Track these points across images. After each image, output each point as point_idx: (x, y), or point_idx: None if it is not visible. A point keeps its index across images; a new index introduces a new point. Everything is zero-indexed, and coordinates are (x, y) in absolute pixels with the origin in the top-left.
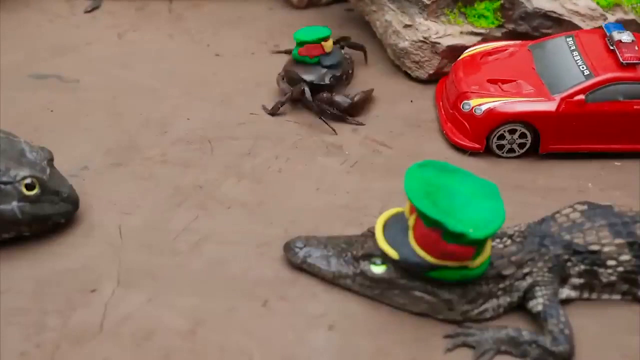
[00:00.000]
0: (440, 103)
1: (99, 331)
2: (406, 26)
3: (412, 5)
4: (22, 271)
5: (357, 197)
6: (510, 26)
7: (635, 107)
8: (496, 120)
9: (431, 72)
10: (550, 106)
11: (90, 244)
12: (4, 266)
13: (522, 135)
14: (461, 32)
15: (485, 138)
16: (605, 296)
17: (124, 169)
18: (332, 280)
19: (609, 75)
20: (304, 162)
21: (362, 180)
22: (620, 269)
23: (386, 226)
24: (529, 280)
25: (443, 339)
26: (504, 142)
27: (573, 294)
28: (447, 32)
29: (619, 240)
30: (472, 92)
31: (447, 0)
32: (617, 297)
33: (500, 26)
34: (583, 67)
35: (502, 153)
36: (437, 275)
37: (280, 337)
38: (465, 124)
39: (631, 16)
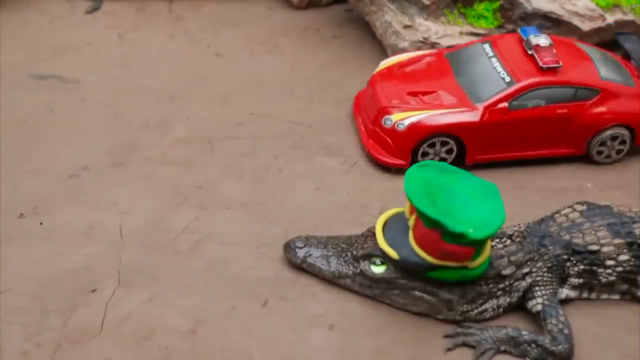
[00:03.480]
0: (359, 119)
1: (99, 331)
2: (406, 26)
3: (412, 6)
4: (22, 271)
5: (357, 197)
6: (510, 27)
7: (558, 111)
8: (420, 134)
9: None
10: (474, 116)
11: (90, 244)
12: (4, 266)
13: (447, 146)
14: (461, 33)
15: (409, 153)
16: (604, 296)
17: (124, 169)
18: (332, 280)
19: (531, 80)
20: (304, 162)
21: (362, 180)
22: (619, 268)
23: (386, 226)
24: (528, 280)
25: (443, 338)
26: (429, 154)
27: (572, 293)
28: (446, 32)
29: (618, 240)
30: (392, 107)
31: (446, 1)
32: (616, 297)
33: (500, 27)
34: (503, 74)
35: None
36: (437, 275)
37: (280, 337)
38: (388, 140)
39: (630, 17)
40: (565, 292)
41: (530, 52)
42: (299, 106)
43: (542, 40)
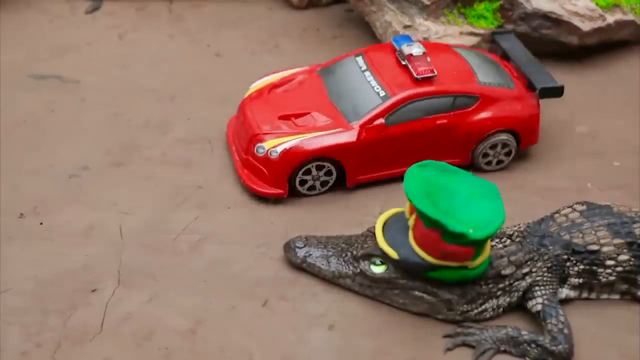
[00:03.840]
0: (233, 147)
1: (99, 331)
2: (406, 27)
3: (412, 6)
4: (22, 271)
5: (357, 197)
6: (510, 27)
7: (437, 122)
8: (294, 161)
9: None
10: (350, 136)
11: (90, 244)
12: (4, 266)
13: (327, 170)
14: (461, 33)
15: (286, 181)
16: (604, 296)
17: (124, 169)
18: (332, 280)
19: (407, 93)
20: None
21: None
22: (619, 268)
23: (386, 226)
24: (528, 280)
25: (442, 338)
26: (308, 179)
27: (572, 293)
28: (446, 32)
29: (617, 240)
30: (264, 134)
31: (446, 1)
32: (616, 296)
33: (499, 27)
34: (378, 88)
35: (304, 190)
36: (437, 275)
37: (280, 337)
38: (263, 169)
39: (630, 17)
40: (565, 291)
41: (404, 63)
42: None
43: (415, 49)
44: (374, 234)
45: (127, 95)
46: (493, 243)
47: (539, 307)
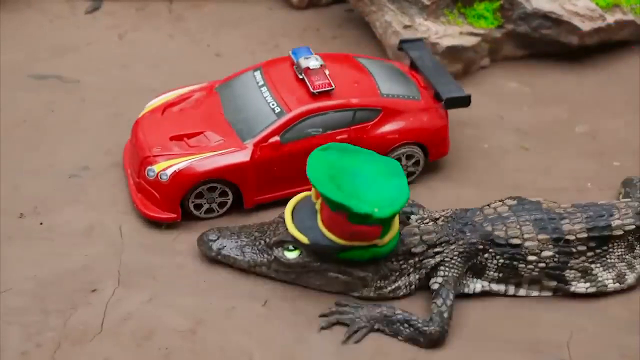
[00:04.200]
0: (129, 171)
1: (99, 331)
2: (406, 27)
3: (412, 6)
4: (22, 271)
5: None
6: (510, 27)
7: (337, 137)
8: (185, 184)
9: None
10: (243, 156)
11: (90, 244)
12: (4, 266)
13: (223, 192)
14: (461, 33)
15: (178, 205)
16: (534, 293)
17: (124, 169)
18: (248, 269)
19: (302, 109)
20: None
21: None
22: (542, 264)
23: (295, 211)
24: (437, 259)
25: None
26: (202, 205)
27: (495, 287)
28: (446, 32)
29: (543, 236)
30: (155, 156)
31: (446, 1)
32: (548, 293)
33: (499, 27)
34: (273, 104)
35: (201, 214)
36: (349, 255)
37: (280, 337)
38: (154, 193)
39: (630, 17)
40: (481, 284)
41: (301, 77)
42: None
43: (313, 62)
44: (285, 219)
45: (127, 95)
46: (414, 222)
47: (436, 287)
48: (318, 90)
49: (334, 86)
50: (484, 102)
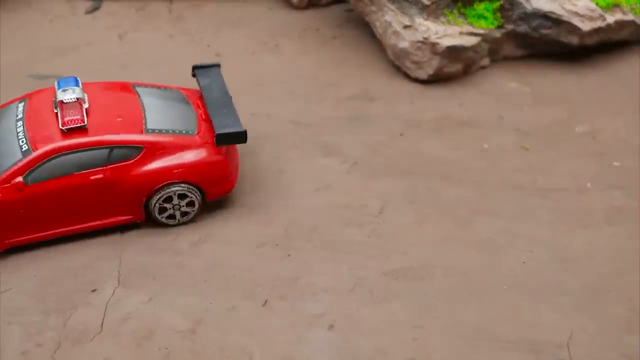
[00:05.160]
0: None
1: (99, 331)
2: (406, 27)
3: (412, 6)
4: (23, 271)
5: (357, 197)
6: (510, 27)
7: (92, 177)
8: None
9: (431, 72)
10: None
11: (91, 244)
12: (4, 266)
13: None
14: (461, 33)
15: None
16: None
17: None
18: None
19: (48, 147)
20: (304, 162)
21: (362, 180)
22: None
23: None
24: None
25: (438, 337)
26: None
27: None
28: (446, 32)
29: None
30: None
31: (446, 1)
32: None
33: (499, 27)
34: (23, 142)
35: None
36: None
37: (280, 337)
38: None
39: (630, 17)
40: None
41: (56, 111)
42: (298, 106)
43: (69, 95)
44: None
45: None
46: None
47: None
48: (67, 127)
49: (85, 122)
50: (484, 102)
